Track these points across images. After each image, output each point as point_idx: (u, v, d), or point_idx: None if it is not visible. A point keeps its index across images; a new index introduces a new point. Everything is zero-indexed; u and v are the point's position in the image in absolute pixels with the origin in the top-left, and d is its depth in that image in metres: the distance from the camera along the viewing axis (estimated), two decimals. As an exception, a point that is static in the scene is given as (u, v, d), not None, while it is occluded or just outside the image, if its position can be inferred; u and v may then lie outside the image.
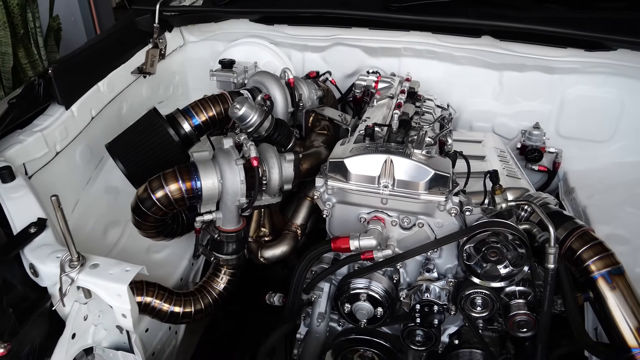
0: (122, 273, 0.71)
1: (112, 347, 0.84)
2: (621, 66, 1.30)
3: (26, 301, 0.70)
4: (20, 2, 1.91)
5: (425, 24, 1.34)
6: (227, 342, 1.13)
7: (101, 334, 0.82)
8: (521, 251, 0.89)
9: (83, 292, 0.73)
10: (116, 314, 0.73)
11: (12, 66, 1.95)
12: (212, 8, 1.43)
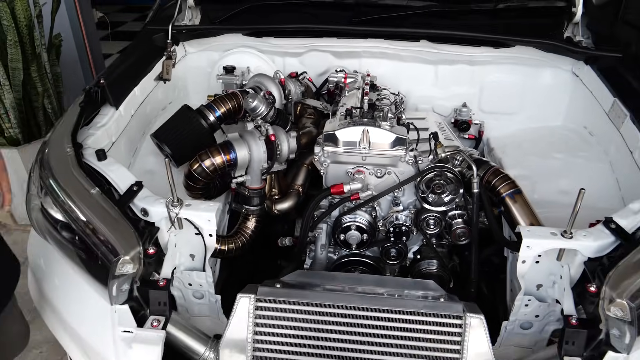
0: (208, 207, 1.10)
1: (187, 269, 1.22)
2: (520, 58, 1.80)
3: (144, 231, 1.07)
4: (27, 24, 2.19)
5: (379, 33, 1.79)
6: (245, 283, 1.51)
7: (181, 260, 1.20)
8: (456, 184, 1.35)
9: (178, 224, 1.11)
10: (204, 235, 1.11)
11: (22, 80, 2.23)
12: (211, 26, 1.81)
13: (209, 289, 1.25)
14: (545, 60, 1.78)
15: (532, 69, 1.82)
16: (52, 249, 1.19)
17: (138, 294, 1.05)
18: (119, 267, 0.99)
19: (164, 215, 1.10)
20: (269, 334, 1.05)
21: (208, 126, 1.48)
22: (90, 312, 1.08)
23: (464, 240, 1.38)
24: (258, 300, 1.05)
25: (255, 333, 1.04)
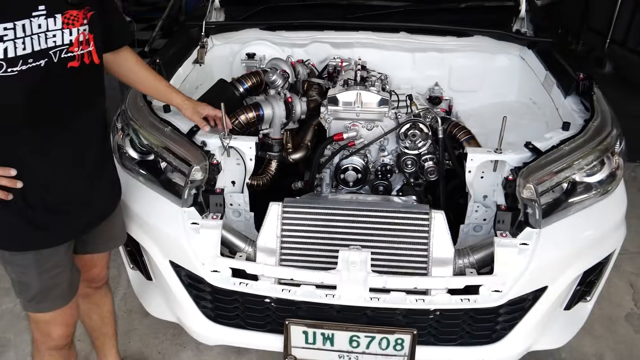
0: (249, 138, 1.56)
1: (229, 192, 1.66)
2: (478, 45, 2.28)
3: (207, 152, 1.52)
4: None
5: (367, 26, 2.26)
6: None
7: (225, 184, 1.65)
8: (427, 132, 1.81)
9: (227, 151, 1.56)
10: (246, 160, 1.57)
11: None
12: (236, 22, 2.28)
13: (245, 207, 1.70)
14: (499, 47, 2.27)
15: (488, 55, 2.30)
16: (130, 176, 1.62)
17: (202, 199, 1.50)
18: (193, 173, 1.44)
19: (218, 145, 1.55)
20: (292, 230, 1.48)
21: (239, 95, 1.94)
22: (165, 214, 1.51)
23: (433, 176, 1.84)
24: (284, 207, 1.49)
25: (283, 230, 1.48)
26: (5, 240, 1.26)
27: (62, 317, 1.40)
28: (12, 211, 1.22)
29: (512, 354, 1.50)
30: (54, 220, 1.27)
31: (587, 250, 1.48)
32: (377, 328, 1.41)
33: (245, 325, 1.54)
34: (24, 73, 1.10)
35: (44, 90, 1.15)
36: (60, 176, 1.24)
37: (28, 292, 1.32)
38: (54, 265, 1.31)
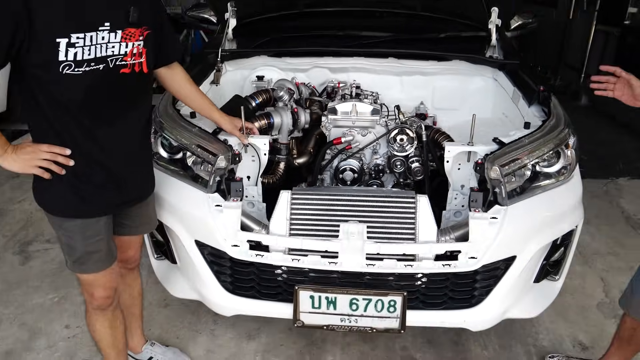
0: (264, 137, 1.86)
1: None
2: (457, 69, 2.62)
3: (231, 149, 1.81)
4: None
5: (360, 53, 2.62)
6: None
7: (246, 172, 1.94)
8: (413, 137, 2.11)
9: (244, 148, 1.86)
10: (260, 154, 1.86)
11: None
12: (247, 49, 2.63)
13: (258, 199, 1.98)
14: (474, 70, 2.62)
15: (466, 77, 2.65)
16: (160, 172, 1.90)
17: (224, 186, 1.78)
18: (218, 162, 1.73)
19: (237, 142, 1.85)
20: (299, 213, 1.75)
21: (252, 108, 2.25)
22: (192, 200, 1.78)
23: (420, 175, 2.14)
24: (293, 194, 1.78)
25: (292, 213, 1.75)
26: (58, 208, 1.50)
27: (102, 280, 1.63)
28: (64, 184, 1.45)
29: (490, 317, 1.75)
30: (97, 195, 1.50)
31: (547, 226, 1.76)
32: (373, 291, 1.66)
33: (259, 296, 1.78)
34: (86, 73, 1.35)
35: (99, 88, 1.40)
36: (106, 159, 1.48)
37: (74, 254, 1.56)
38: (95, 233, 1.54)
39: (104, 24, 1.37)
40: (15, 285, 2.51)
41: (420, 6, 2.76)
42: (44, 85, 1.34)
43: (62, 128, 1.41)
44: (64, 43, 1.30)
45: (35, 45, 1.28)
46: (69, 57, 1.31)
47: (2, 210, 3.19)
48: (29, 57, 1.29)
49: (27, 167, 1.41)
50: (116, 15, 1.39)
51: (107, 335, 1.75)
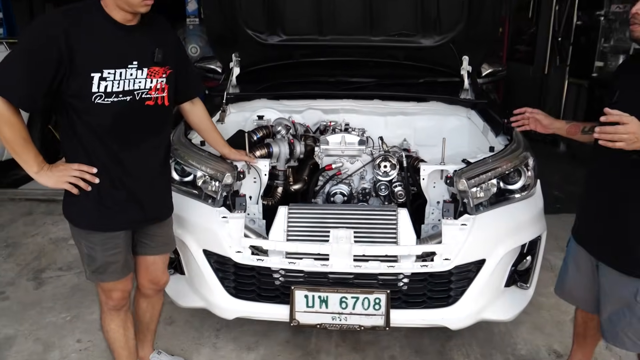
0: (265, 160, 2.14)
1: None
2: (435, 109, 2.96)
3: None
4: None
5: (349, 96, 2.97)
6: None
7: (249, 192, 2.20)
8: (395, 163, 2.40)
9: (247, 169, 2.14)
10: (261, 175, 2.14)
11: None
12: (249, 93, 2.98)
13: (259, 216, 2.23)
14: (450, 110, 2.95)
15: (443, 117, 2.98)
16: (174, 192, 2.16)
17: (230, 201, 2.04)
18: (225, 179, 2.00)
19: (242, 164, 2.13)
20: (295, 225, 2.01)
21: (253, 141, 2.55)
22: (202, 214, 2.04)
23: (402, 198, 2.41)
24: (290, 208, 2.04)
25: (288, 225, 2.01)
26: (84, 221, 1.71)
27: (119, 286, 1.84)
28: (90, 200, 1.66)
29: (465, 315, 1.96)
30: (119, 211, 1.71)
31: (511, 233, 2.01)
32: (360, 289, 1.88)
33: (259, 299, 1.99)
34: (115, 103, 1.59)
35: (126, 117, 1.63)
36: (128, 180, 1.70)
37: (94, 264, 1.75)
38: (114, 245, 1.74)
39: (133, 62, 1.63)
40: (29, 307, 2.68)
41: (402, 56, 3.15)
42: (77, 112, 1.59)
43: (91, 150, 1.64)
44: (97, 77, 1.55)
45: (73, 78, 1.53)
46: (101, 89, 1.56)
47: (16, 243, 3.41)
48: (67, 87, 1.54)
49: (59, 183, 1.62)
50: (143, 55, 1.65)
51: (120, 335, 1.94)
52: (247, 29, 3.05)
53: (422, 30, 2.97)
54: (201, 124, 2.06)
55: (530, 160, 2.17)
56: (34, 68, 1.49)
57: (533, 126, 1.97)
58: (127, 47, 1.62)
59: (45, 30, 1.52)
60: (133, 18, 1.62)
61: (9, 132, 1.52)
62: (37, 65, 1.49)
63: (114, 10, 1.58)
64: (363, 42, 3.06)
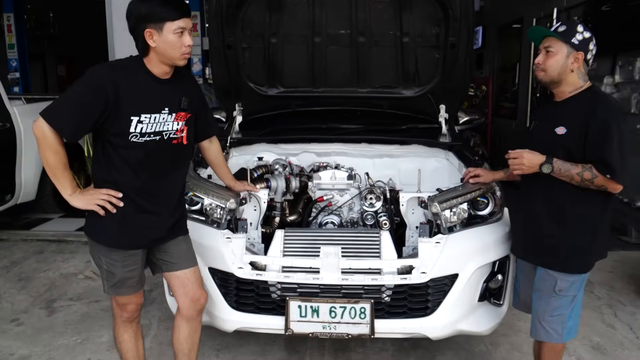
0: (265, 190, 2.44)
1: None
2: (417, 152, 3.30)
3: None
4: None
5: (340, 139, 3.31)
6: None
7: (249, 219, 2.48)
8: (379, 195, 2.71)
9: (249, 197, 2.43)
10: (261, 203, 2.43)
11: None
12: (250, 138, 3.33)
13: (258, 240, 2.50)
14: (430, 152, 3.29)
15: (424, 158, 3.31)
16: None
17: (233, 224, 2.32)
18: (229, 204, 2.29)
19: (244, 193, 2.43)
20: (291, 244, 2.28)
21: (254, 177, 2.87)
22: (208, 235, 2.31)
23: (386, 226, 2.69)
24: (286, 232, 2.32)
25: (284, 246, 2.28)
26: (107, 239, 1.94)
27: (133, 299, 2.07)
28: (114, 221, 1.87)
29: (442, 325, 2.19)
30: (139, 232, 1.96)
31: (481, 251, 2.28)
32: (347, 300, 2.13)
33: (257, 311, 2.23)
34: (147, 142, 1.85)
35: (155, 153, 1.88)
36: (148, 205, 1.95)
37: (113, 279, 1.98)
38: (132, 262, 1.98)
39: (165, 108, 1.89)
40: (42, 331, 2.88)
41: (386, 105, 3.54)
42: (114, 146, 1.87)
43: (121, 178, 1.89)
44: (135, 120, 1.84)
45: (115, 120, 1.83)
46: (137, 130, 1.85)
47: (29, 277, 3.62)
48: (110, 126, 1.84)
49: (89, 205, 1.88)
50: (173, 103, 1.94)
51: (132, 345, 2.15)
52: (249, 83, 3.46)
53: (403, 83, 3.39)
54: (216, 160, 2.37)
55: (497, 190, 2.48)
56: (85, 109, 1.79)
57: (482, 180, 2.41)
58: (160, 96, 1.88)
59: (97, 80, 1.82)
60: (169, 72, 1.93)
61: (52, 158, 1.82)
62: (87, 107, 1.79)
63: (156, 66, 1.88)
64: (351, 93, 3.47)
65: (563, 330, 2.00)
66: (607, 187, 1.86)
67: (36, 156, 4.64)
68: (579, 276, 1.98)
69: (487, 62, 9.77)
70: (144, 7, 1.79)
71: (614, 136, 1.81)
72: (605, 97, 1.95)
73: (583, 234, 1.94)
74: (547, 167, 1.88)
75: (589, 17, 5.61)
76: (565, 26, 1.94)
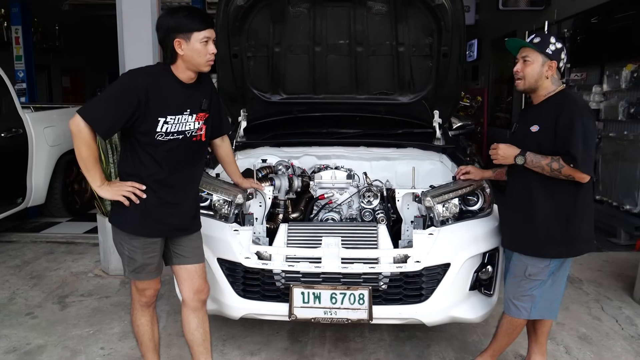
0: (270, 186, 2.61)
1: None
2: (412, 154, 3.47)
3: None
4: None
5: (339, 143, 3.49)
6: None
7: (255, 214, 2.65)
8: (376, 193, 2.88)
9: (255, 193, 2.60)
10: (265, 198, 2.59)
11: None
12: (254, 141, 3.51)
13: (263, 234, 2.66)
14: (425, 155, 3.47)
15: (419, 161, 3.48)
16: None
17: (240, 218, 2.48)
18: (237, 199, 2.46)
19: (251, 189, 2.60)
20: (294, 236, 2.45)
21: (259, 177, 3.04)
22: (217, 229, 2.47)
23: (384, 222, 2.86)
24: (289, 226, 2.49)
25: (288, 239, 2.45)
26: (131, 227, 2.11)
27: (152, 284, 2.23)
28: (138, 211, 2.08)
29: (436, 311, 2.35)
30: (160, 221, 2.11)
31: (471, 242, 2.44)
32: (346, 287, 2.29)
33: (263, 298, 2.38)
34: (171, 140, 2.02)
35: (177, 151, 2.04)
36: (169, 196, 2.11)
37: (134, 265, 2.15)
38: (152, 250, 2.16)
39: (187, 110, 2.06)
40: (56, 323, 3.02)
41: (383, 111, 3.73)
42: (141, 144, 2.04)
43: (146, 171, 2.06)
44: (162, 121, 2.02)
45: (144, 120, 2.00)
46: (163, 130, 2.03)
47: (41, 275, 3.77)
48: (139, 126, 2.00)
49: (115, 195, 2.05)
50: (194, 104, 2.12)
51: (148, 329, 2.30)
52: (254, 89, 3.65)
53: (399, 89, 3.58)
54: (226, 157, 2.55)
55: (486, 188, 2.66)
56: (118, 109, 1.97)
57: (472, 177, 2.61)
58: (184, 99, 2.06)
59: (130, 84, 2.00)
60: (194, 77, 2.10)
61: (86, 151, 1.99)
62: (121, 107, 1.96)
63: (182, 72, 2.04)
64: (350, 99, 3.66)
65: (532, 309, 2.24)
66: (574, 177, 2.07)
67: (46, 161, 4.83)
68: (548, 261, 2.18)
69: (482, 74, 10.03)
70: (173, 20, 1.99)
71: (578, 130, 2.02)
72: (573, 97, 2.16)
73: (553, 225, 2.16)
74: (520, 159, 2.14)
75: (578, 30, 5.85)
76: (539, 37, 2.17)
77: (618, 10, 5.05)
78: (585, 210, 2.17)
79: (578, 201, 2.14)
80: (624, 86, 4.80)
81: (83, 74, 13.08)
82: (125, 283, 3.57)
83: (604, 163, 5.05)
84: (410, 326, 2.84)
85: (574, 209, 2.14)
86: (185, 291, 2.25)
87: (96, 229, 3.93)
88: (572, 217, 2.15)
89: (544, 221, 2.16)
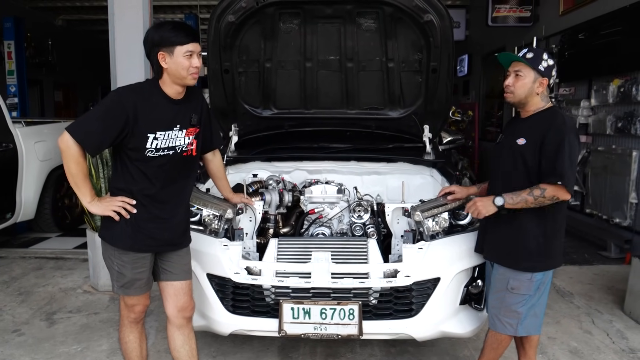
0: (259, 201, 2.61)
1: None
2: (403, 169, 3.50)
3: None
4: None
5: (330, 157, 3.51)
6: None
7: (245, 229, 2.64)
8: (366, 208, 2.88)
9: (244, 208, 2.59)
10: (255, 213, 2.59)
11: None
12: (245, 156, 3.51)
13: (253, 249, 2.66)
14: (415, 169, 3.49)
15: (410, 175, 3.50)
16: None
17: (230, 233, 2.48)
18: (226, 214, 2.46)
19: (241, 204, 2.60)
20: (284, 251, 2.44)
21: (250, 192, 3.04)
22: (207, 244, 2.46)
23: (374, 236, 2.86)
24: (279, 240, 2.49)
25: (278, 253, 2.44)
26: (121, 242, 2.10)
27: (141, 300, 2.22)
28: (128, 226, 2.07)
29: (426, 326, 2.34)
30: (149, 236, 2.10)
31: (461, 257, 2.45)
32: (336, 302, 2.28)
33: (252, 314, 2.37)
34: (161, 156, 2.03)
35: (168, 166, 2.06)
36: (159, 211, 2.10)
37: (123, 280, 2.13)
38: (141, 265, 2.14)
39: (177, 125, 2.08)
40: (44, 340, 2.98)
41: (374, 126, 3.76)
42: (131, 159, 2.05)
43: (137, 187, 2.06)
44: (151, 137, 2.02)
45: (133, 137, 2.00)
46: (152, 146, 2.04)
47: (29, 291, 3.72)
48: (128, 142, 2.01)
49: (105, 211, 2.05)
50: (184, 120, 2.13)
51: (137, 345, 2.27)
52: (245, 104, 3.67)
53: (389, 104, 3.61)
54: (217, 172, 2.54)
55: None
56: (106, 126, 1.97)
57: (457, 196, 2.58)
58: (173, 115, 2.07)
59: (118, 101, 2.01)
60: (182, 92, 2.11)
61: (75, 168, 1.98)
62: (109, 124, 1.97)
63: (169, 87, 2.06)
64: (341, 114, 3.69)
65: (518, 325, 2.23)
66: (558, 197, 2.07)
67: (36, 176, 4.80)
68: (530, 275, 2.18)
69: (473, 88, 10.15)
70: (157, 34, 2.01)
71: (566, 149, 2.05)
72: (562, 116, 2.18)
73: (533, 238, 2.17)
74: (499, 200, 2.13)
75: (566, 45, 5.95)
76: (532, 53, 2.18)
77: (604, 26, 5.15)
78: (562, 227, 2.22)
79: (558, 218, 2.17)
80: (611, 101, 4.88)
81: (75, 88, 13.07)
82: (115, 299, 3.53)
83: (593, 177, 5.10)
84: (401, 341, 2.83)
85: (554, 225, 2.17)
86: (170, 308, 2.23)
87: (86, 245, 3.90)
88: (551, 232, 2.17)
89: (526, 234, 2.17)
